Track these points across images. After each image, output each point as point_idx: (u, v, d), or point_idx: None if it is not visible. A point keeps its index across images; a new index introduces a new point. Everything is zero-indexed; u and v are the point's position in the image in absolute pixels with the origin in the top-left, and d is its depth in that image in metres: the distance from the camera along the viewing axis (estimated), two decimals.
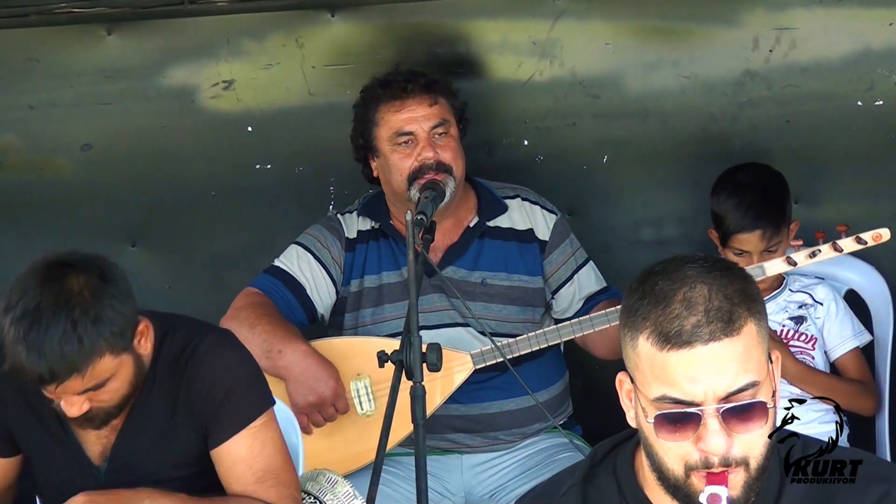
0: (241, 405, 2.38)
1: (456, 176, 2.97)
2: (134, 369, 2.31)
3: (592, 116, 3.39)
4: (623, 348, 1.70)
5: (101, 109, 3.46)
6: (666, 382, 1.63)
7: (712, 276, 1.66)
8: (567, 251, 3.10)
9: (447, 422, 3.02)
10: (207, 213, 3.52)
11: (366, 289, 3.07)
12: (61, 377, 2.20)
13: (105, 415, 2.33)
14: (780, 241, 3.02)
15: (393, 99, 3.00)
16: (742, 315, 1.64)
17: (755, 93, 3.31)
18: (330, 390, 2.88)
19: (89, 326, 2.19)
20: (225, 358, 2.40)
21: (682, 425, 1.63)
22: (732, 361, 1.63)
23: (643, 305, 1.65)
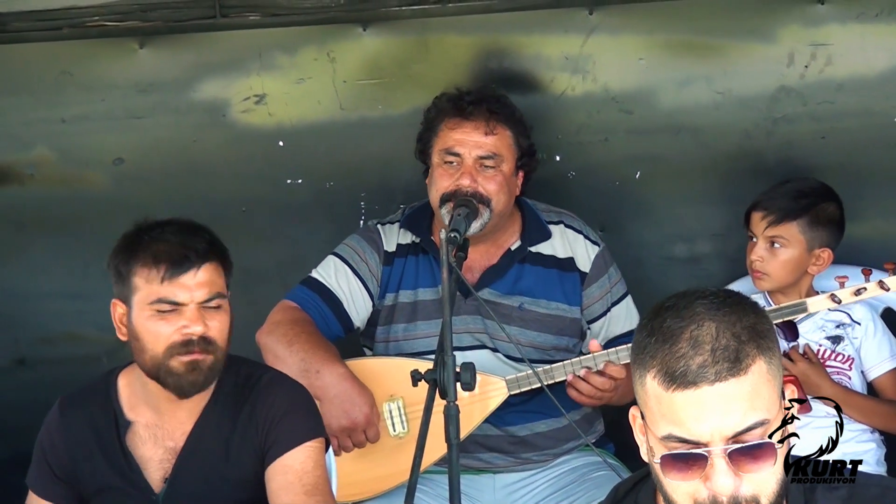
0: (298, 424, 2.46)
1: (494, 209, 2.94)
2: (230, 322, 2.46)
3: (625, 132, 3.37)
4: (634, 384, 1.69)
5: (134, 123, 3.46)
6: (672, 421, 1.62)
7: (722, 313, 1.63)
8: (605, 286, 3.08)
9: (481, 440, 3.00)
10: (238, 228, 3.51)
11: (400, 303, 3.05)
12: (181, 268, 2.39)
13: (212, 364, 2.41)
14: (786, 241, 2.98)
15: (454, 115, 2.99)
16: (750, 353, 1.62)
17: (790, 109, 3.29)
18: (363, 417, 2.86)
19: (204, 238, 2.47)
20: (285, 387, 2.52)
21: (688, 465, 1.62)
22: (739, 401, 1.61)
23: (651, 343, 1.64)
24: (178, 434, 2.48)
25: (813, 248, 3.01)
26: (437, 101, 3.05)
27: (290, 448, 2.43)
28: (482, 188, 2.93)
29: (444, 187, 2.95)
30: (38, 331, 3.65)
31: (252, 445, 2.45)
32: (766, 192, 3.06)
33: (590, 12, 3.27)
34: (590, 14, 3.28)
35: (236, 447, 2.46)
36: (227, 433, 2.46)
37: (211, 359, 2.40)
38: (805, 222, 3.00)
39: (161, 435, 2.48)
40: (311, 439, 2.45)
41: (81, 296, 3.59)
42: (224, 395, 2.48)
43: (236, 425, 2.46)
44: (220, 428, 2.46)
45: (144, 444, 2.48)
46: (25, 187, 3.51)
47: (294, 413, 2.46)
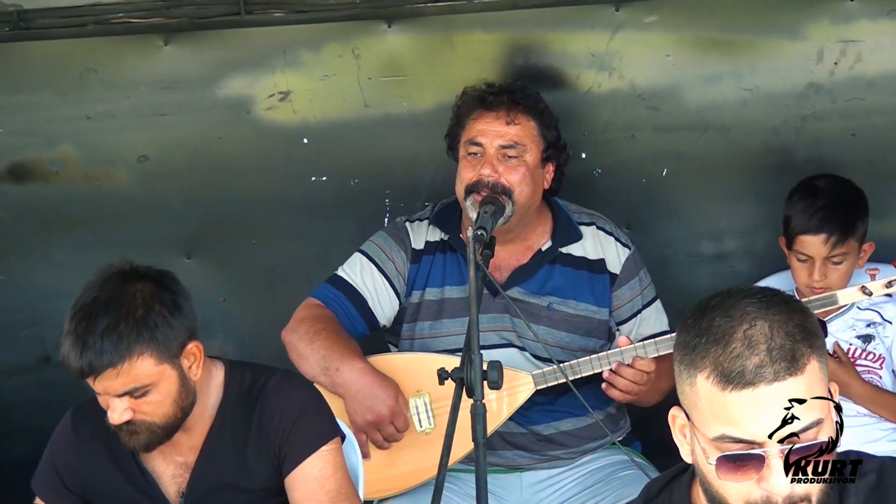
0: (312, 429, 2.43)
1: (517, 201, 2.91)
2: (178, 387, 2.36)
3: (652, 129, 3.35)
4: (678, 384, 1.66)
5: (158, 120, 3.45)
6: (727, 422, 1.60)
7: (772, 312, 1.62)
8: (636, 288, 3.06)
9: (506, 438, 2.98)
10: (263, 226, 3.51)
11: (426, 301, 3.04)
12: (98, 369, 2.28)
13: (150, 433, 2.36)
14: (846, 254, 2.96)
15: (477, 108, 2.98)
16: (805, 352, 1.61)
17: (819, 106, 3.26)
18: (387, 409, 2.85)
19: (132, 325, 2.29)
20: (293, 390, 2.48)
21: (744, 466, 1.60)
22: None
23: (701, 343, 1.62)
24: (185, 448, 2.46)
25: (860, 246, 3.00)
26: (464, 95, 3.04)
27: (306, 456, 2.40)
28: (504, 179, 2.91)
29: (467, 178, 2.94)
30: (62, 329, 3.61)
31: (266, 455, 2.43)
32: (807, 212, 2.96)
33: (616, 9, 3.25)
34: (616, 10, 3.25)
35: (250, 457, 2.43)
36: (241, 443, 2.43)
37: (148, 433, 2.36)
38: (859, 229, 2.98)
39: (168, 451, 2.46)
40: (326, 443, 2.43)
41: None
42: (231, 405, 2.45)
43: (249, 435, 2.43)
44: (232, 438, 2.44)
45: (154, 460, 2.47)
46: (50, 184, 3.51)
47: (305, 418, 2.43)
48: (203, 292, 3.52)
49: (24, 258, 3.57)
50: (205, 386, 2.44)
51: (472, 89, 3.02)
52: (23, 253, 3.56)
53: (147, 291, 2.34)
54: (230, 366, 2.49)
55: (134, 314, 2.30)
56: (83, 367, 2.30)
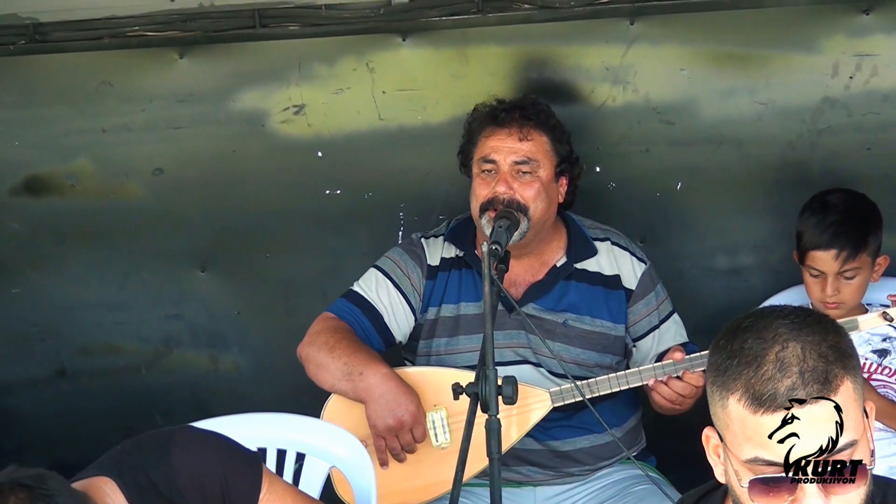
0: (242, 485, 2.16)
1: (532, 217, 2.91)
2: None
3: (666, 143, 3.34)
4: (711, 406, 1.66)
5: (173, 133, 3.46)
6: (759, 445, 1.59)
7: (805, 333, 1.61)
8: (652, 303, 3.05)
9: (522, 455, 2.98)
10: (277, 239, 3.52)
11: (442, 317, 3.03)
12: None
13: None
14: (858, 268, 2.95)
15: (489, 124, 2.98)
16: (838, 374, 1.60)
17: (835, 120, 3.25)
18: (409, 415, 2.85)
19: None
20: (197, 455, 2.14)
21: (778, 488, 1.59)
22: (830, 423, 1.59)
23: (733, 365, 1.61)
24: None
25: (875, 259, 2.99)
26: (475, 112, 3.04)
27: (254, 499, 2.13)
28: (519, 195, 2.91)
29: (482, 196, 2.94)
30: (78, 342, 3.66)
31: None
32: (818, 227, 2.96)
33: (631, 22, 3.25)
34: (631, 24, 3.25)
35: None
36: None
37: None
38: (871, 243, 2.98)
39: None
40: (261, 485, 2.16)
41: (121, 307, 3.59)
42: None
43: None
44: None
45: None
46: (66, 198, 3.52)
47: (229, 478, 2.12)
48: (217, 305, 3.54)
49: (39, 271, 3.58)
50: None
51: (482, 106, 3.02)
52: (39, 266, 3.57)
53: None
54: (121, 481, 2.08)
55: None
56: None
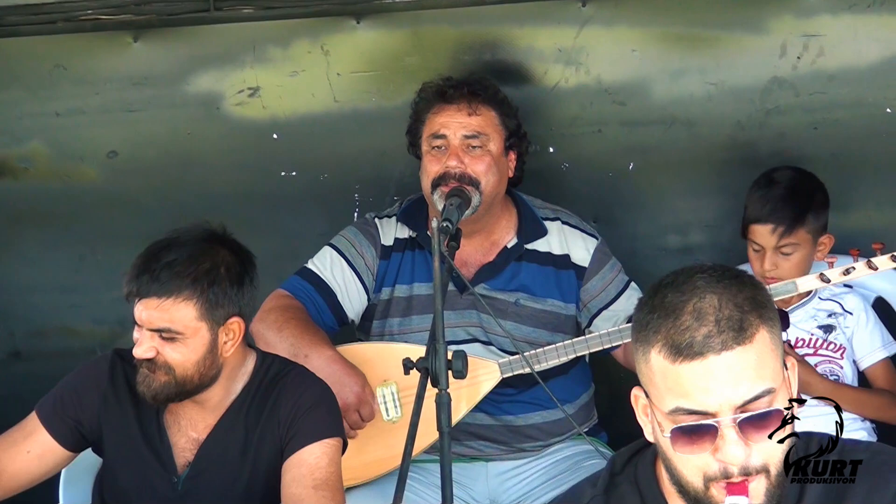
0: (320, 420, 2.49)
1: (484, 191, 2.94)
2: (205, 351, 2.44)
3: (618, 123, 3.38)
4: (636, 363, 1.69)
5: (128, 117, 3.47)
6: (680, 395, 1.62)
7: (722, 286, 1.64)
8: (607, 277, 3.08)
9: (473, 430, 3.01)
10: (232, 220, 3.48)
11: (395, 298, 3.06)
12: (145, 293, 2.41)
13: (165, 380, 2.43)
14: (797, 245, 2.99)
15: (437, 102, 3.01)
16: (753, 323, 1.63)
17: (783, 100, 3.29)
18: (354, 396, 2.87)
19: (193, 271, 2.41)
20: (311, 384, 2.56)
21: (698, 437, 1.62)
22: (747, 370, 1.61)
23: (654, 319, 1.64)
24: (201, 426, 2.53)
25: (818, 239, 3.03)
26: (422, 91, 3.06)
27: (308, 443, 2.46)
28: (470, 169, 2.94)
29: (433, 172, 2.96)
30: (32, 324, 3.66)
31: (273, 438, 2.49)
32: (760, 202, 3.02)
33: (583, 4, 3.28)
34: (583, 6, 3.28)
35: (257, 440, 2.49)
36: (252, 426, 2.50)
37: (163, 379, 2.44)
38: (810, 221, 3.02)
39: (185, 424, 2.53)
40: (330, 437, 2.48)
41: (76, 289, 3.60)
42: (254, 392, 2.52)
43: (260, 419, 2.50)
44: (245, 421, 2.50)
45: (170, 429, 2.53)
46: (19, 181, 3.51)
47: (315, 410, 2.49)
48: None
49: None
50: (235, 371, 2.51)
51: (429, 85, 3.05)
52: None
53: (222, 255, 2.45)
54: (262, 357, 2.57)
55: (200, 265, 2.41)
56: (133, 288, 2.42)
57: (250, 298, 2.50)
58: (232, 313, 2.45)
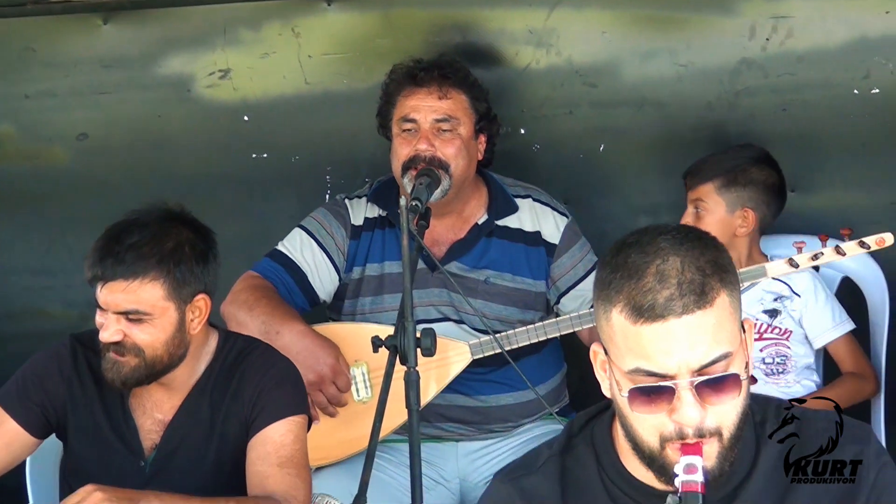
0: (284, 399, 2.49)
1: (453, 174, 2.95)
2: (173, 331, 2.43)
3: (589, 105, 3.39)
4: (597, 321, 1.70)
5: (98, 99, 3.46)
6: (640, 355, 1.64)
7: (685, 248, 1.65)
8: (576, 256, 3.09)
9: (444, 412, 3.01)
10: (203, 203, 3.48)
11: (367, 277, 3.06)
12: (110, 277, 2.38)
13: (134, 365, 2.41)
14: (705, 203, 3.02)
15: (407, 85, 3.01)
16: (715, 287, 1.64)
17: (752, 81, 3.31)
18: (328, 368, 2.88)
19: (158, 251, 2.40)
20: (277, 361, 2.56)
21: (656, 398, 1.63)
22: (705, 334, 1.63)
23: (616, 279, 1.65)
24: (167, 407, 2.52)
25: (734, 210, 3.04)
26: (392, 73, 3.06)
27: (272, 421, 2.46)
28: (440, 152, 2.94)
29: (403, 155, 2.97)
30: (3, 307, 3.64)
31: (238, 417, 2.49)
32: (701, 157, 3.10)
33: None
34: None
35: (223, 419, 2.49)
36: (216, 406, 2.50)
37: (133, 362, 2.42)
38: (720, 183, 3.03)
39: (150, 407, 2.53)
40: (295, 414, 2.48)
41: (46, 272, 3.59)
42: (217, 371, 2.52)
43: (224, 398, 2.50)
44: (210, 401, 2.50)
45: (136, 412, 2.53)
46: None
47: (280, 388, 2.49)
48: None
49: None
50: (198, 350, 2.51)
51: (400, 67, 3.05)
52: None
53: (184, 234, 2.44)
54: (225, 335, 2.57)
55: (164, 244, 2.40)
56: (98, 272, 2.39)
57: (214, 275, 2.50)
58: (198, 291, 2.46)
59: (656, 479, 1.68)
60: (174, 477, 2.43)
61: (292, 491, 2.38)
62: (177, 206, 2.50)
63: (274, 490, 2.37)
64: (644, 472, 1.70)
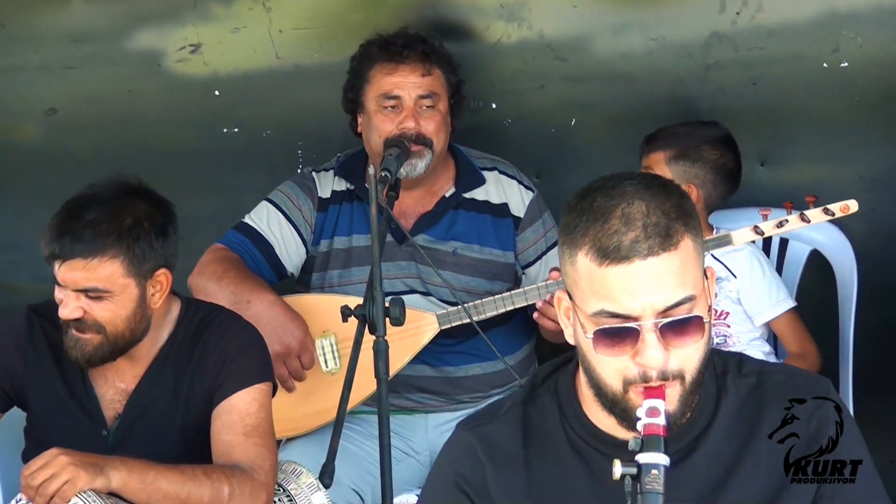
0: (249, 366, 2.48)
1: (435, 150, 2.97)
2: (134, 307, 2.42)
3: (560, 79, 3.39)
4: (561, 265, 1.71)
5: (68, 73, 3.45)
6: (604, 297, 1.64)
7: (650, 193, 1.67)
8: (539, 230, 3.10)
9: (413, 382, 3.02)
10: (174, 178, 3.49)
11: (335, 250, 3.06)
12: (68, 255, 2.35)
13: (97, 341, 2.40)
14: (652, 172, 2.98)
15: (387, 61, 2.99)
16: (679, 230, 1.66)
17: (722, 55, 3.31)
18: (296, 341, 2.88)
19: (116, 228, 2.37)
20: (240, 328, 2.55)
21: (620, 340, 1.64)
22: (670, 276, 1.64)
23: (582, 222, 1.66)
24: (129, 377, 2.51)
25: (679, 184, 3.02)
26: (365, 49, 3.05)
27: (237, 389, 2.45)
28: (424, 129, 2.95)
29: (387, 132, 2.96)
30: None
31: (202, 385, 2.48)
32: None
33: None
34: None
35: (187, 387, 2.49)
36: (180, 374, 2.49)
37: (95, 340, 2.41)
38: (671, 154, 3.04)
39: (112, 376, 2.51)
40: (259, 382, 2.48)
41: (15, 247, 3.57)
42: (179, 339, 2.51)
43: (188, 366, 2.49)
44: (174, 369, 2.49)
45: (97, 381, 2.52)
46: None
47: (244, 355, 2.48)
48: None
49: None
50: (160, 320, 2.50)
51: (374, 42, 3.04)
52: None
53: (143, 208, 2.42)
54: (187, 303, 2.56)
55: (123, 220, 2.38)
56: (55, 250, 2.36)
57: (174, 248, 2.47)
58: (158, 265, 2.44)
59: (618, 424, 1.69)
60: (138, 446, 2.42)
61: (258, 460, 2.37)
62: (134, 179, 2.47)
63: (240, 459, 2.37)
64: (606, 421, 1.71)
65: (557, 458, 1.73)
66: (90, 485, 2.24)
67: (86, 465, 2.25)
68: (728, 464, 1.71)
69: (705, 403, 1.72)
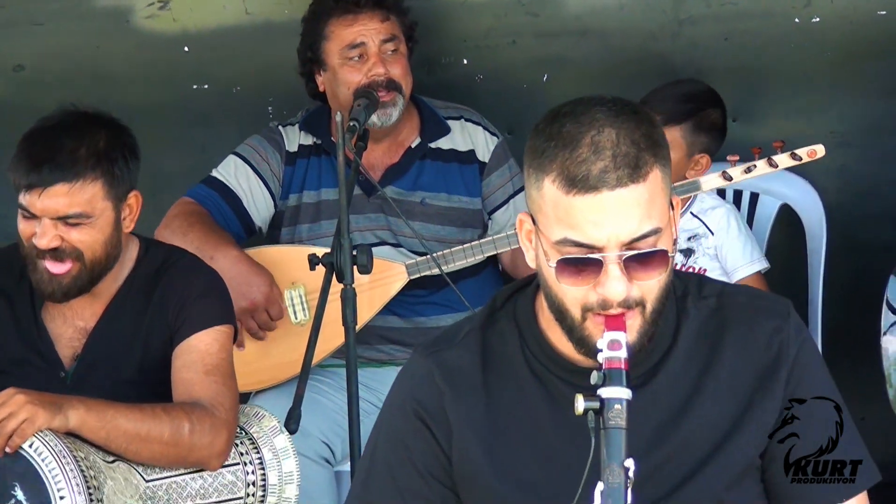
0: (209, 309, 2.48)
1: (405, 94, 2.97)
2: (111, 230, 2.43)
3: (532, 35, 3.37)
4: (527, 189, 1.68)
5: (34, 30, 3.41)
6: (569, 226, 1.62)
7: (621, 120, 1.64)
8: (506, 175, 3.10)
9: (383, 333, 3.02)
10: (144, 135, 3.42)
11: (304, 204, 3.05)
12: (50, 182, 2.35)
13: (75, 273, 2.39)
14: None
15: (345, 13, 2.98)
16: (649, 161, 1.63)
17: (694, 10, 3.30)
18: (262, 295, 2.87)
19: (94, 151, 2.38)
20: (201, 271, 2.54)
21: (582, 269, 1.63)
22: (637, 207, 1.62)
23: (550, 147, 1.63)
24: (87, 314, 2.50)
25: (693, 154, 3.01)
26: (317, 6, 3.04)
27: (198, 330, 2.45)
28: (392, 74, 2.95)
29: (355, 82, 2.95)
30: None
31: (162, 326, 2.47)
32: (654, 92, 3.06)
33: None
34: None
35: (146, 327, 2.48)
36: (140, 314, 2.48)
37: (74, 270, 2.40)
38: (688, 127, 3.00)
39: (70, 314, 2.50)
40: (221, 324, 2.47)
41: None
42: (139, 278, 2.50)
43: (149, 306, 2.48)
44: (133, 309, 2.49)
45: (54, 321, 2.50)
46: None
47: (204, 297, 2.48)
48: None
49: None
50: (120, 256, 2.49)
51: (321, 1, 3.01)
52: None
53: (111, 132, 2.45)
54: (146, 242, 2.56)
55: (97, 144, 2.39)
56: (34, 179, 2.35)
57: (138, 167, 2.50)
58: (131, 187, 2.47)
59: (577, 351, 1.67)
60: (97, 386, 2.40)
61: (219, 398, 2.37)
62: (89, 108, 2.48)
63: (200, 396, 2.36)
64: (567, 345, 1.69)
65: (517, 384, 1.72)
66: (49, 424, 2.22)
67: (44, 403, 2.24)
68: (689, 387, 1.70)
69: (665, 328, 1.71)
